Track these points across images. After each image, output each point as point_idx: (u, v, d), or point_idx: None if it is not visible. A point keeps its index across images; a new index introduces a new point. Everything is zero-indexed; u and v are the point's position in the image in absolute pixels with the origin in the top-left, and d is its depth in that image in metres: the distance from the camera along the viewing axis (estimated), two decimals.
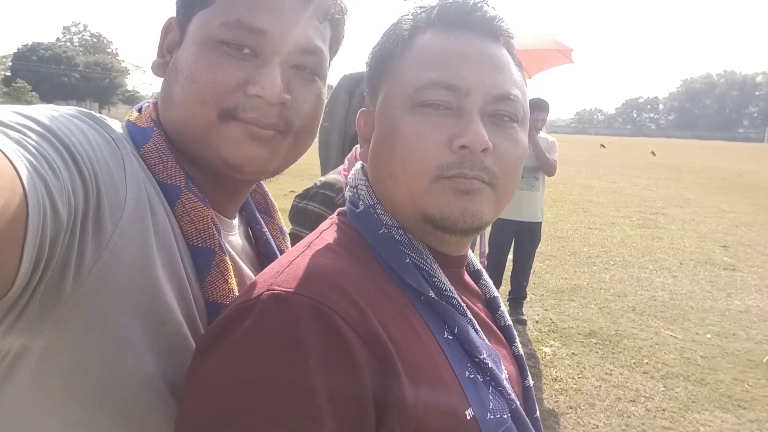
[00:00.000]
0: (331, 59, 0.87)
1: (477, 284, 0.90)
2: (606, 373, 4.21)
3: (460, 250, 0.82)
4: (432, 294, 0.72)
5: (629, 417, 3.61)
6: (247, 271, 0.89)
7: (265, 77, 0.75)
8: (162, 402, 0.69)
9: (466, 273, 0.87)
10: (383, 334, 0.62)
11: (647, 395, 3.90)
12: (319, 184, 1.99)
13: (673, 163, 26.13)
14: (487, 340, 0.76)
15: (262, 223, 0.98)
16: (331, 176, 2.02)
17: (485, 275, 0.92)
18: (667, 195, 14.22)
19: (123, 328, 0.65)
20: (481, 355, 0.71)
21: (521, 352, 0.88)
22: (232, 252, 0.86)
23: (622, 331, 5.05)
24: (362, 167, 0.84)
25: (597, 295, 6.06)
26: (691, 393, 3.95)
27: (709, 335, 5.04)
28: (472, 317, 0.76)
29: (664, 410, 3.70)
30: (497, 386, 0.71)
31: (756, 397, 3.92)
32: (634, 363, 4.41)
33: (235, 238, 0.90)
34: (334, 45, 0.88)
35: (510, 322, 0.90)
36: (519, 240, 5.28)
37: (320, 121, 0.87)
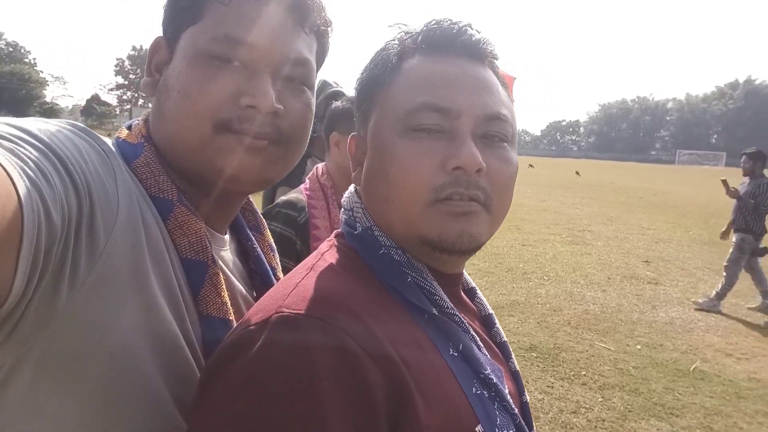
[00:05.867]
0: (317, 70, 0.88)
1: (472, 302, 0.90)
2: (548, 386, 4.34)
3: (456, 268, 0.82)
4: (435, 311, 0.72)
5: (572, 428, 3.73)
6: (239, 286, 0.88)
7: (257, 88, 0.76)
8: (167, 414, 0.68)
9: (461, 291, 0.88)
10: (394, 354, 0.62)
11: (587, 406, 4.04)
12: (281, 203, 1.95)
13: (595, 183, 27.57)
14: (489, 356, 0.77)
15: (253, 239, 0.96)
16: (293, 195, 1.99)
17: (479, 293, 0.93)
18: (591, 213, 14.96)
19: (119, 339, 0.63)
20: (485, 371, 0.72)
21: (517, 368, 0.89)
22: (224, 267, 0.85)
23: (560, 345, 5.23)
24: (356, 190, 0.84)
25: (534, 309, 6.26)
26: (627, 403, 4.13)
27: (639, 346, 5.30)
28: (473, 333, 0.76)
29: (603, 420, 3.85)
30: (502, 401, 0.72)
31: (686, 404, 4.15)
32: (573, 375, 4.57)
33: (226, 253, 0.88)
34: (320, 56, 0.89)
35: (505, 338, 0.90)
36: None
37: (310, 131, 0.87)
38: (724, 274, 6.77)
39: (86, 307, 0.60)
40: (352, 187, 0.85)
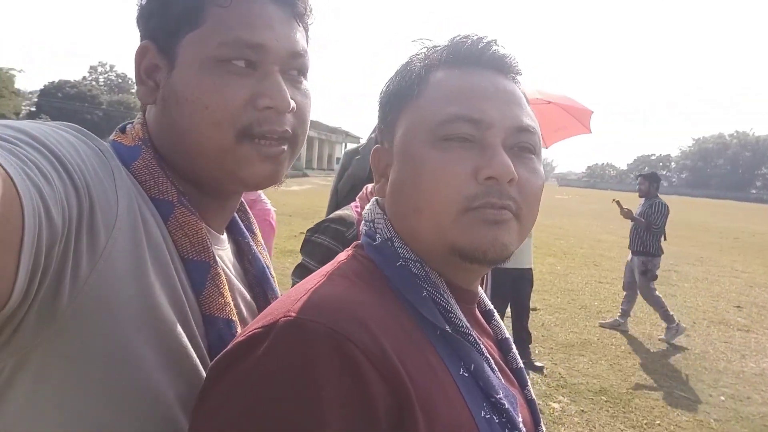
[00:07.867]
0: None
1: (488, 324, 0.89)
2: None
3: (472, 284, 0.82)
4: (448, 329, 0.71)
5: None
6: (239, 286, 0.88)
7: (273, 88, 0.77)
8: (170, 415, 0.69)
9: (478, 312, 0.86)
10: (400, 368, 0.61)
11: None
12: (331, 218, 2.02)
13: (685, 221, 25.92)
14: (503, 381, 0.75)
15: (249, 238, 0.97)
16: (344, 212, 2.05)
17: (497, 316, 0.91)
18: (679, 252, 14.06)
19: (121, 339, 0.64)
20: (497, 394, 0.70)
21: (533, 396, 0.85)
22: (224, 266, 0.85)
23: (634, 390, 4.92)
24: (377, 201, 0.84)
25: (608, 351, 5.94)
26: None
27: (723, 397, 4.89)
28: (488, 355, 0.74)
29: None
30: (513, 429, 0.69)
31: None
32: (645, 423, 4.28)
33: (225, 252, 0.89)
34: (308, 42, 0.89)
35: (522, 365, 0.88)
36: (517, 286, 5.35)
37: (309, 122, 0.87)
38: (650, 304, 6.71)
39: (88, 308, 0.61)
40: (373, 200, 0.86)
